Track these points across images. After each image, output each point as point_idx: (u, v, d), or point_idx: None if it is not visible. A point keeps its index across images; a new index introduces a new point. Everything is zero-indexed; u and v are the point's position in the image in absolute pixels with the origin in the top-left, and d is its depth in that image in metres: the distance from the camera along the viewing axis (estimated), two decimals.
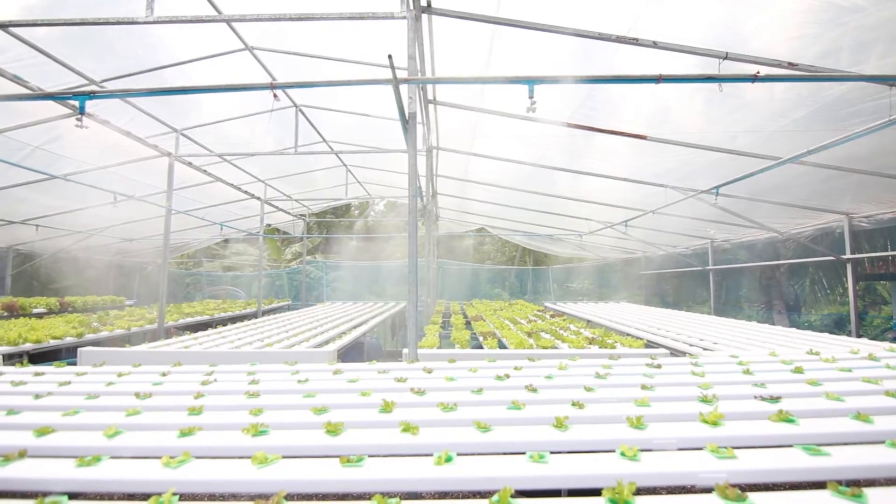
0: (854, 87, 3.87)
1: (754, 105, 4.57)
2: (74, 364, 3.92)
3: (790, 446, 1.76)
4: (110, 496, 1.69)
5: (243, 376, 3.12)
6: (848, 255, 6.51)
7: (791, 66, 3.51)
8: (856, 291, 6.52)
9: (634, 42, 3.70)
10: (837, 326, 8.28)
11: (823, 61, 3.59)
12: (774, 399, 2.35)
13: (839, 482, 1.44)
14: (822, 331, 5.82)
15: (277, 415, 2.24)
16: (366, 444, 1.85)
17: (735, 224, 7.88)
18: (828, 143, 4.11)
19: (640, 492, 1.40)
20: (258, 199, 9.78)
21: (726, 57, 3.54)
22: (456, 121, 6.44)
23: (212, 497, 1.71)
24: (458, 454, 1.71)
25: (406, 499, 1.38)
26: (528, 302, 12.88)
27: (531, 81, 3.39)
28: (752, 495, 1.36)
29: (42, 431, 1.99)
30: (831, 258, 6.85)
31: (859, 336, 6.18)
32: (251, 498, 1.38)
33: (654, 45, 3.69)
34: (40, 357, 4.94)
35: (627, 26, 3.74)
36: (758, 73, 3.26)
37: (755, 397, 2.42)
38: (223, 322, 9.02)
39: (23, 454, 1.75)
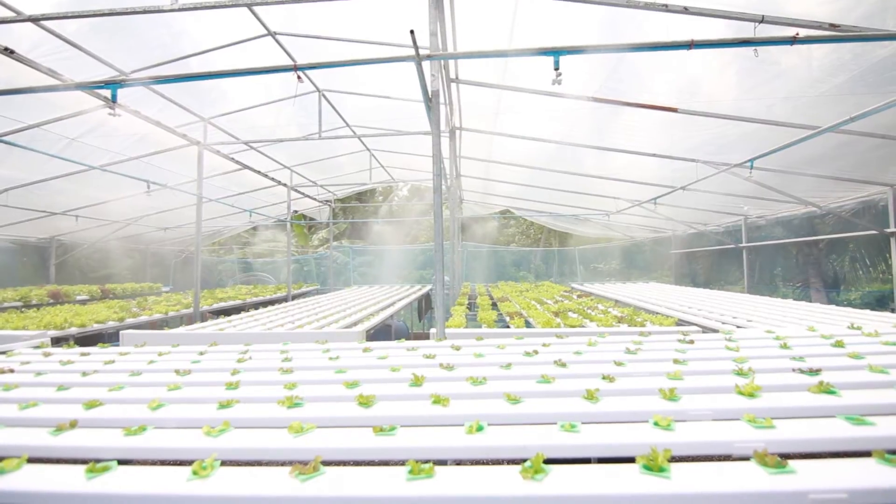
0: None
1: (792, 72, 4.35)
2: (117, 346, 4.09)
3: (832, 417, 1.70)
4: (156, 462, 1.78)
5: (277, 354, 3.21)
6: (892, 229, 6.21)
7: (833, 27, 3.32)
8: None
9: (664, 8, 3.55)
10: (880, 304, 7.94)
11: (868, 22, 3.39)
12: (814, 371, 2.28)
13: (886, 451, 1.39)
14: (863, 309, 5.59)
15: (311, 389, 2.30)
16: (397, 415, 1.88)
17: (770, 199, 7.59)
18: (872, 108, 3.89)
19: (674, 459, 1.38)
20: (285, 185, 9.92)
21: (762, 20, 3.36)
22: (479, 99, 6.36)
23: (250, 463, 1.77)
24: (489, 425, 1.72)
25: (438, 465, 1.40)
26: (554, 283, 12.77)
27: (557, 52, 3.31)
28: (792, 463, 1.33)
29: (90, 405, 2.10)
30: (874, 232, 6.55)
31: None
32: (289, 464, 1.42)
33: (685, 10, 3.54)
34: (85, 340, 5.17)
35: None
36: (797, 34, 3.10)
37: (793, 370, 2.35)
38: (255, 306, 9.28)
39: (73, 424, 1.85)
